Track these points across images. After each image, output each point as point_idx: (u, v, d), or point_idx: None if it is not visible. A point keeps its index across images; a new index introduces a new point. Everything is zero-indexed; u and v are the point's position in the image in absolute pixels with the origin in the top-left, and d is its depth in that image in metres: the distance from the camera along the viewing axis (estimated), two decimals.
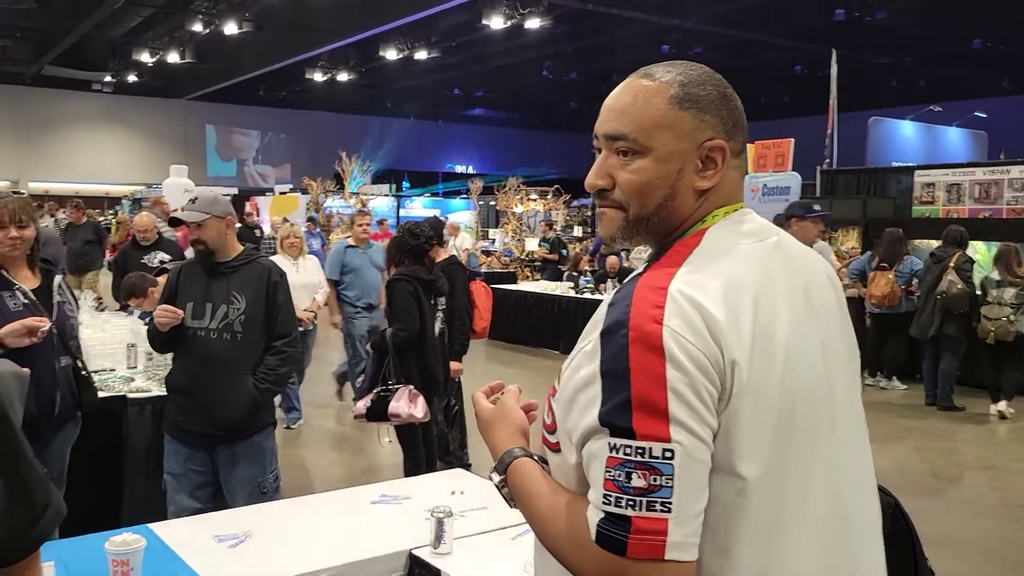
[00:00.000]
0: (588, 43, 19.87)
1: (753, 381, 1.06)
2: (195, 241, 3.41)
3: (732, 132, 1.18)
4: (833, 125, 12.64)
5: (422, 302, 4.58)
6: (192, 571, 2.30)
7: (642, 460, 1.00)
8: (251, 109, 30.58)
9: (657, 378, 1.01)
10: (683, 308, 1.05)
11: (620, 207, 1.20)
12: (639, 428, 1.00)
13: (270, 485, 3.46)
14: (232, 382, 3.34)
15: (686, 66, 1.21)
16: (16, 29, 21.10)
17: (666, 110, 1.16)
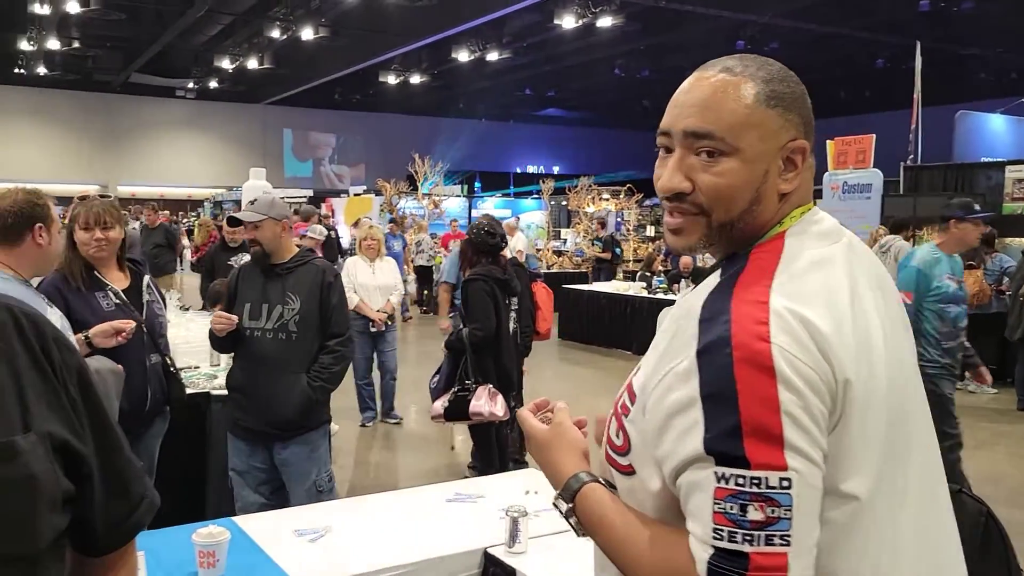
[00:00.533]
0: (660, 40, 19.65)
1: (861, 396, 1.00)
2: (251, 241, 3.51)
3: (808, 131, 1.13)
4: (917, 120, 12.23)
5: (498, 301, 4.60)
6: (273, 563, 2.36)
7: (759, 491, 0.92)
8: (326, 112, 31.20)
9: (769, 401, 0.94)
10: (790, 324, 0.98)
11: (701, 212, 1.11)
12: (753, 456, 0.93)
13: (325, 484, 3.52)
14: (286, 381, 3.42)
15: (759, 60, 1.14)
16: (106, 39, 21.98)
17: (754, 107, 1.08)
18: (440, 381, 4.69)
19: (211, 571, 2.23)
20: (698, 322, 1.02)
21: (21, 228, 2.68)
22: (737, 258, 1.11)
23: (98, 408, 1.05)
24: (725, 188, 1.09)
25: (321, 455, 3.55)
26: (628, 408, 1.11)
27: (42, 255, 2.75)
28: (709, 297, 1.06)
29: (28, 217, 2.69)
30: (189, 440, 4.03)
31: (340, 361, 3.54)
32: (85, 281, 3.22)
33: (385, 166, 25.65)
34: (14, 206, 2.68)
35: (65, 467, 0.97)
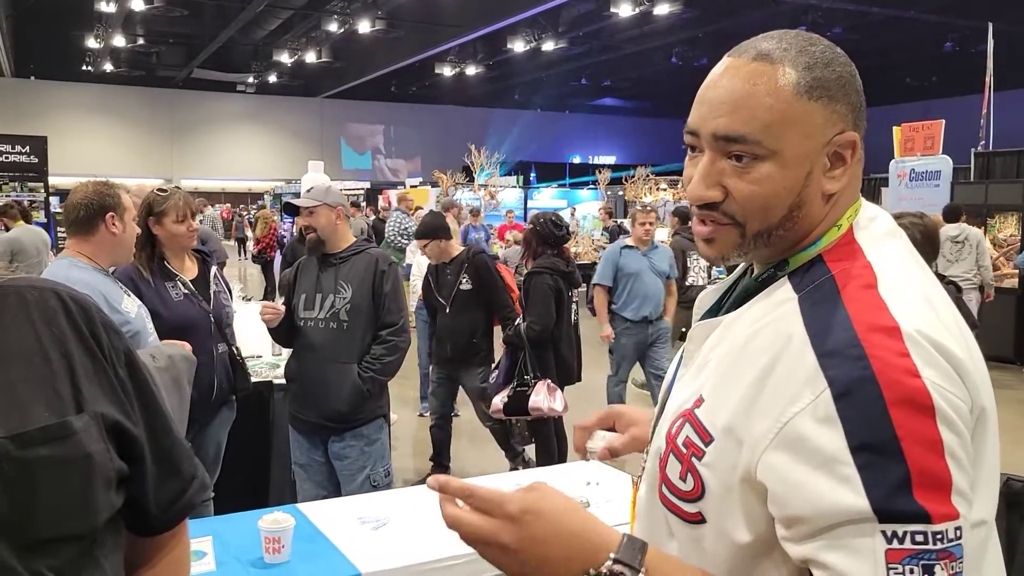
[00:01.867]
0: (719, 27, 19.32)
1: (992, 421, 0.91)
2: (306, 228, 3.49)
3: (859, 119, 0.97)
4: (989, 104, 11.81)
5: (562, 295, 4.57)
6: (337, 550, 2.37)
7: (943, 547, 0.81)
8: (383, 105, 31.48)
9: (934, 444, 0.82)
10: (929, 352, 0.85)
11: (734, 222, 0.97)
12: (933, 509, 0.81)
13: (381, 480, 3.45)
14: (338, 372, 3.37)
15: (801, 39, 0.97)
16: (169, 36, 22.51)
17: (794, 102, 0.93)
18: (499, 376, 4.68)
19: (276, 556, 2.25)
20: (815, 356, 0.87)
21: (94, 218, 2.77)
22: (809, 268, 0.97)
23: (147, 390, 1.06)
24: (761, 197, 0.95)
25: (376, 450, 3.47)
26: (700, 449, 0.94)
27: (117, 243, 2.82)
28: (812, 320, 0.90)
29: (99, 207, 2.77)
30: (253, 428, 4.09)
31: (393, 352, 3.46)
32: (155, 271, 3.28)
33: (441, 157, 25.79)
34: (84, 198, 2.78)
35: (118, 448, 0.99)
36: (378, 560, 2.31)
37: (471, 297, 4.90)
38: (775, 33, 1.00)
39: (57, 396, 0.93)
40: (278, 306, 3.49)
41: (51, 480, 0.89)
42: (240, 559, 2.28)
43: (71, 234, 2.83)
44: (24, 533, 0.87)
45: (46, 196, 12.66)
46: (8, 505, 0.86)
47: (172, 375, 2.72)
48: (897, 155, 10.99)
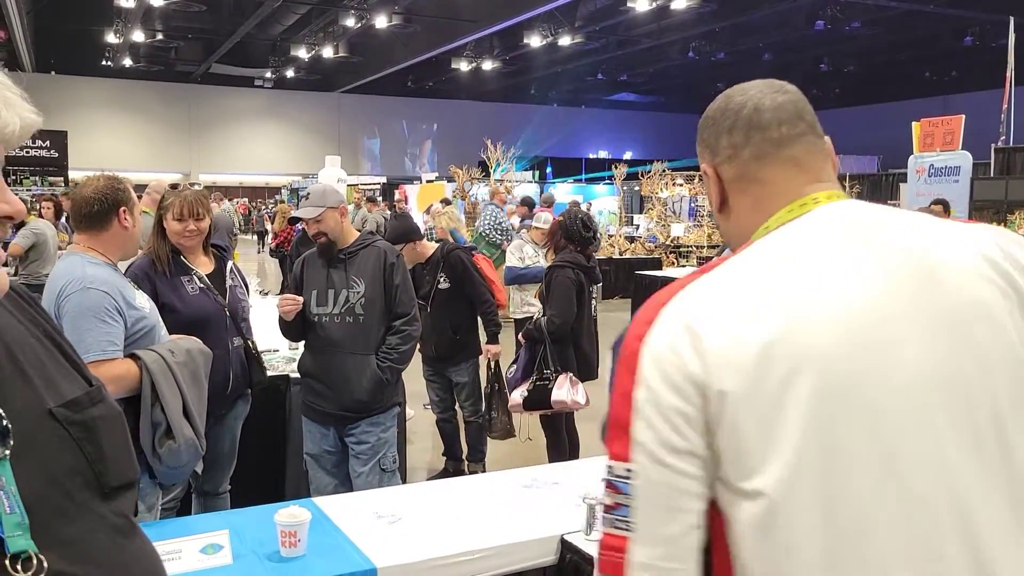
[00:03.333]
0: (737, 21, 19.22)
1: (755, 399, 0.97)
2: (317, 235, 3.52)
3: (716, 146, 1.16)
4: (1010, 99, 11.69)
5: (583, 289, 4.57)
6: (353, 544, 2.39)
7: (609, 479, 1.01)
8: (399, 100, 31.53)
9: (627, 398, 1.00)
10: (671, 328, 1.01)
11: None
12: (609, 446, 1.01)
13: (389, 465, 3.55)
14: (356, 363, 3.45)
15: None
16: (187, 31, 22.63)
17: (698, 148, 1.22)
18: (517, 371, 4.67)
19: (292, 550, 2.27)
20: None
21: (107, 213, 2.74)
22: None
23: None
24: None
25: (389, 437, 3.58)
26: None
27: (128, 238, 2.82)
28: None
29: (113, 202, 2.74)
30: (269, 422, 4.11)
31: (408, 341, 3.57)
32: (171, 266, 3.30)
33: (458, 152, 25.80)
34: (97, 192, 2.73)
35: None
36: (394, 555, 2.33)
37: (450, 295, 4.91)
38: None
39: (66, 372, 1.03)
40: (297, 298, 3.52)
41: (109, 434, 1.01)
42: (257, 552, 2.30)
43: (82, 229, 2.78)
44: (102, 483, 0.98)
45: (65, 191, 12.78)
46: (85, 461, 0.97)
47: (191, 369, 2.73)
48: (916, 150, 10.91)
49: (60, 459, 0.95)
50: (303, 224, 3.65)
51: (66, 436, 0.95)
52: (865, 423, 0.96)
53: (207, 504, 3.50)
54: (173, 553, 2.20)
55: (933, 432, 0.96)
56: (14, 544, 0.87)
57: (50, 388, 0.98)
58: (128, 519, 1.02)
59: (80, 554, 0.93)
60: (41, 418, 0.94)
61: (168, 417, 2.59)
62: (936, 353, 0.98)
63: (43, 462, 0.93)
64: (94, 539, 0.95)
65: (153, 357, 2.63)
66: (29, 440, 0.91)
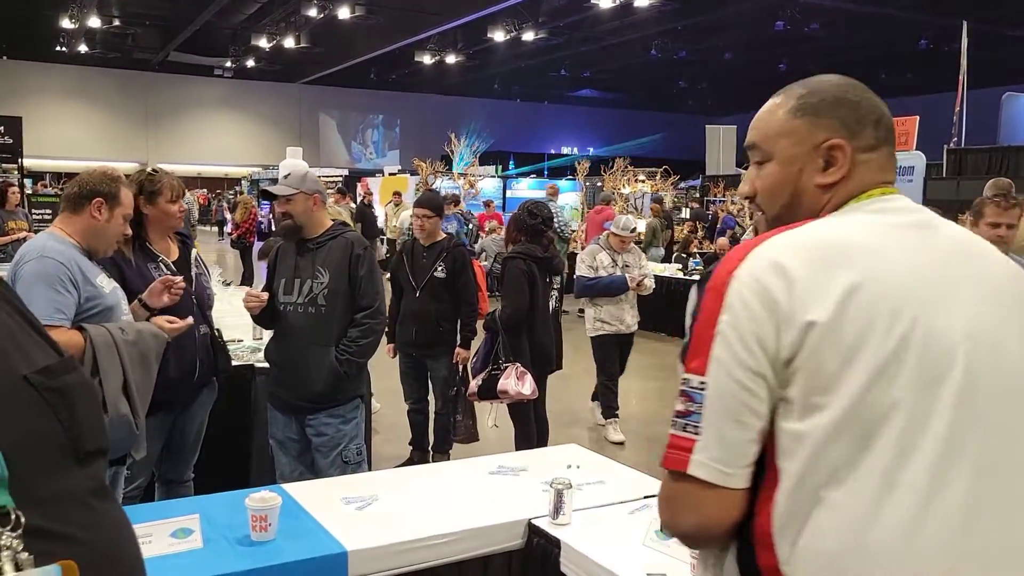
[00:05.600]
0: (698, 20, 19.42)
1: (839, 335, 1.10)
2: (283, 214, 3.51)
3: (856, 129, 1.25)
4: (962, 102, 12.00)
5: (536, 280, 4.61)
6: (323, 528, 2.41)
7: (683, 389, 1.15)
8: (362, 92, 31.30)
9: (712, 322, 1.14)
10: (759, 264, 1.14)
11: (761, 210, 1.34)
12: (687, 362, 1.16)
13: (353, 457, 3.53)
14: (317, 354, 3.44)
15: (816, 81, 1.32)
16: (145, 18, 22.22)
17: (784, 119, 1.29)
18: (477, 361, 4.72)
19: (263, 534, 2.29)
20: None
21: (82, 200, 2.81)
22: None
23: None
24: (767, 188, 1.32)
25: (350, 429, 3.54)
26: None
27: (96, 229, 2.82)
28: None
29: (91, 191, 2.81)
30: (234, 411, 4.10)
31: (369, 334, 3.52)
32: (137, 253, 3.28)
33: (421, 146, 25.73)
34: (82, 180, 2.85)
35: None
36: (363, 538, 2.36)
37: (443, 285, 4.95)
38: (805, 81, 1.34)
39: (36, 342, 1.05)
40: (261, 294, 3.51)
41: (82, 402, 1.03)
42: (227, 537, 2.31)
43: (61, 209, 2.89)
44: (76, 447, 0.99)
45: (20, 178, 12.50)
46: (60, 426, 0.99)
47: (140, 349, 2.70)
48: None
49: (36, 423, 0.97)
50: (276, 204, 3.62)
51: (41, 401, 0.98)
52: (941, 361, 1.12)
53: (170, 492, 3.49)
54: (144, 537, 2.20)
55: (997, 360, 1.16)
56: None
57: (22, 356, 1.00)
58: (103, 485, 1.04)
59: (57, 513, 0.95)
60: (15, 383, 0.96)
61: (104, 391, 2.55)
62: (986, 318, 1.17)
63: (19, 425, 0.95)
64: (70, 500, 0.97)
65: (100, 332, 2.63)
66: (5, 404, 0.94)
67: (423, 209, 5.07)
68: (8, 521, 0.89)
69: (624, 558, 2.26)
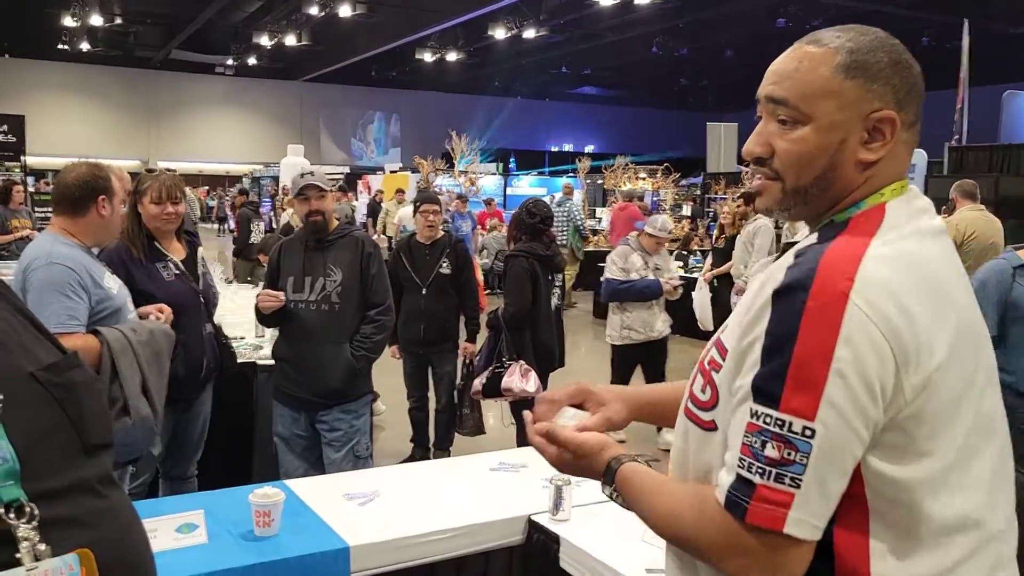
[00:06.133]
0: (699, 17, 19.41)
1: (949, 381, 1.03)
2: (314, 212, 3.53)
3: (904, 102, 1.11)
4: (963, 100, 12.01)
5: (538, 278, 4.63)
6: (325, 524, 2.44)
7: (779, 432, 0.96)
8: (363, 90, 31.29)
9: (824, 354, 0.95)
10: (877, 288, 0.98)
11: (777, 177, 1.15)
12: (785, 400, 0.96)
13: (363, 452, 3.61)
14: (331, 351, 3.50)
15: (858, 31, 1.14)
16: (147, 15, 22.23)
17: (830, 78, 1.10)
18: (481, 359, 4.75)
19: (266, 529, 2.32)
20: (786, 267, 1.04)
21: (86, 200, 2.80)
22: (835, 226, 1.12)
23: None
24: (797, 154, 1.12)
25: (362, 424, 3.63)
26: (718, 363, 1.13)
27: (103, 225, 2.85)
28: (804, 247, 1.09)
29: (92, 189, 2.80)
30: (236, 408, 4.13)
31: (381, 330, 3.62)
32: (147, 252, 3.31)
33: (421, 144, 25.73)
34: (79, 179, 2.80)
35: None
36: (365, 533, 2.38)
37: (448, 282, 4.99)
38: (842, 27, 1.16)
39: (38, 340, 1.09)
40: (278, 294, 3.52)
41: (87, 397, 1.07)
42: (231, 532, 2.34)
43: (61, 212, 2.84)
44: (83, 441, 1.03)
45: (23, 176, 12.52)
46: (67, 420, 1.02)
47: (153, 349, 2.73)
48: None
49: (45, 418, 1.00)
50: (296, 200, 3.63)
51: (48, 397, 1.01)
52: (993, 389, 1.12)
53: (175, 489, 3.52)
54: (149, 532, 2.21)
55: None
56: (7, 493, 0.91)
57: (27, 354, 1.03)
58: (109, 475, 1.07)
59: (70, 503, 0.98)
60: (24, 380, 1.00)
61: (126, 394, 2.58)
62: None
63: (29, 421, 0.98)
64: (82, 490, 1.01)
65: (115, 335, 2.65)
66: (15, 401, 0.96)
67: (434, 205, 5.11)
68: (23, 514, 0.92)
69: (623, 554, 2.28)
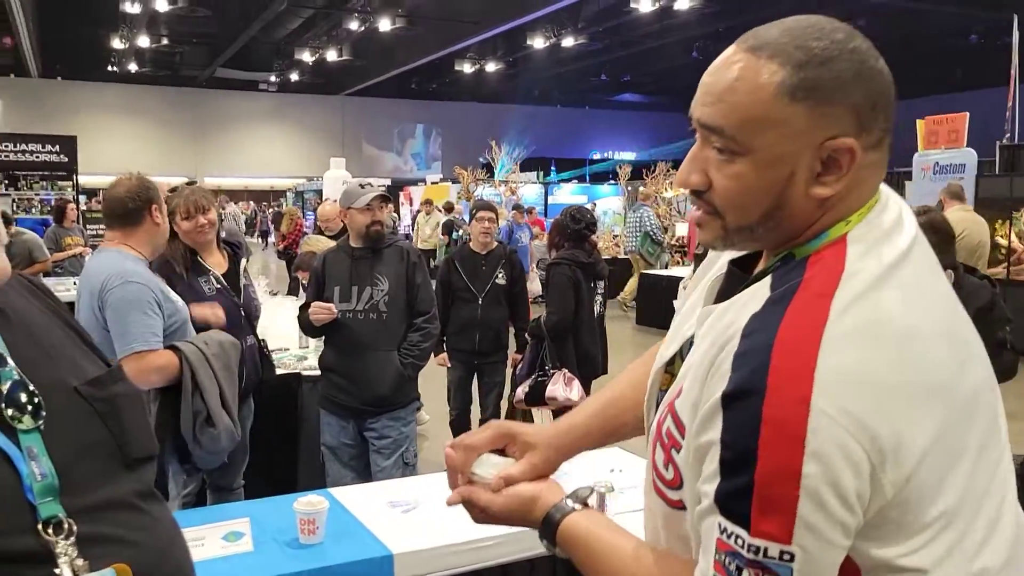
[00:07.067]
0: (740, 21, 19.24)
1: (927, 479, 0.87)
2: (376, 222, 3.60)
3: (868, 120, 0.91)
4: (1015, 97, 11.70)
5: (580, 286, 4.62)
6: (369, 532, 2.44)
7: (755, 559, 0.84)
8: (403, 102, 31.60)
9: (790, 474, 0.82)
10: (843, 383, 0.83)
11: (715, 213, 0.97)
12: (756, 524, 0.83)
13: (412, 459, 3.66)
14: (379, 359, 3.55)
15: (808, 31, 0.92)
16: (193, 36, 22.74)
17: (772, 102, 0.90)
18: (523, 368, 4.75)
19: (311, 537, 2.33)
20: (735, 354, 0.88)
21: (140, 211, 2.88)
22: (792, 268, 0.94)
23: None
24: (735, 193, 0.94)
25: (410, 431, 3.69)
26: (677, 440, 0.97)
27: (160, 234, 2.97)
28: (754, 319, 0.90)
29: (145, 199, 2.89)
30: (282, 418, 4.18)
31: (428, 338, 3.68)
32: (188, 267, 3.37)
33: (462, 154, 25.86)
34: (129, 191, 2.88)
35: None
36: (409, 541, 2.38)
37: (502, 292, 4.99)
38: (787, 21, 0.96)
39: (86, 354, 1.10)
40: (330, 306, 3.57)
41: (129, 411, 1.08)
42: (277, 540, 2.36)
43: (116, 226, 2.92)
44: (124, 454, 1.05)
45: (75, 195, 12.84)
46: (109, 434, 1.04)
47: (224, 361, 2.89)
48: (920, 149, 10.93)
49: (87, 432, 1.02)
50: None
51: (91, 411, 1.03)
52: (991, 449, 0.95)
53: (221, 499, 3.56)
54: (196, 540, 2.26)
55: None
56: (46, 509, 0.93)
57: (73, 368, 1.05)
58: (151, 489, 1.08)
59: (109, 518, 0.99)
60: (67, 395, 1.01)
61: (208, 405, 2.77)
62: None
63: (71, 435, 0.99)
64: (121, 505, 1.02)
65: (192, 349, 2.79)
66: (58, 415, 0.98)
67: (490, 212, 5.11)
68: (62, 530, 0.93)
69: None
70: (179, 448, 2.92)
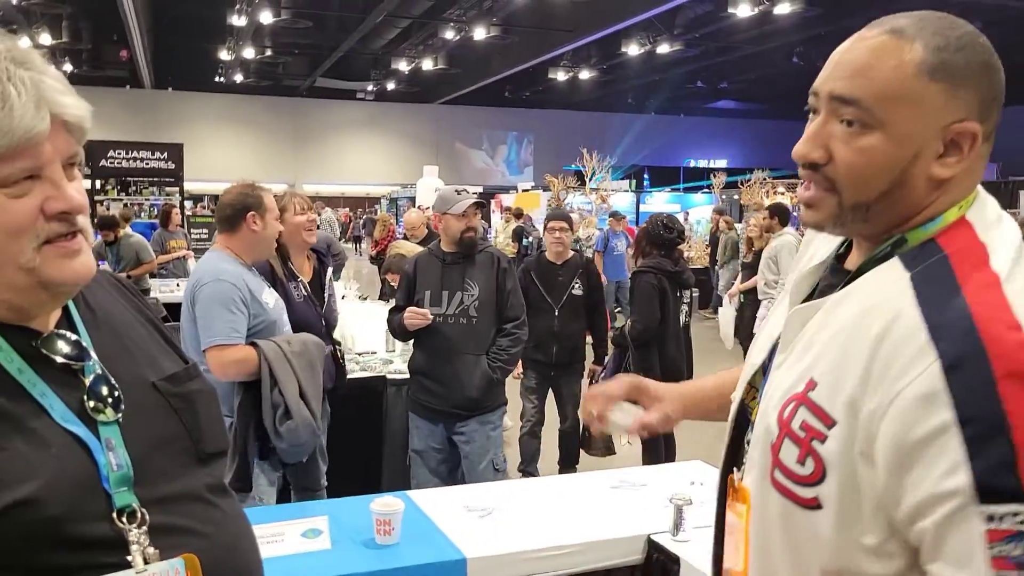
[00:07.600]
0: (844, 25, 18.53)
1: None
2: (468, 229, 3.66)
3: (988, 111, 0.95)
4: None
5: (667, 294, 4.55)
6: (444, 535, 2.46)
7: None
8: (496, 110, 31.87)
9: None
10: None
11: (832, 189, 0.99)
12: None
13: (501, 464, 3.70)
14: (469, 363, 3.60)
15: (941, 21, 0.97)
16: (294, 47, 23.51)
17: (913, 79, 0.93)
18: (606, 376, 4.70)
19: (387, 538, 2.35)
20: (927, 330, 0.87)
21: (237, 217, 3.07)
22: (922, 248, 0.96)
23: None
24: (860, 166, 0.96)
25: (498, 435, 3.74)
26: (819, 432, 0.93)
27: (257, 240, 3.10)
28: (921, 296, 0.90)
29: (242, 207, 3.06)
30: (368, 421, 4.26)
31: (517, 343, 3.72)
32: (285, 271, 3.48)
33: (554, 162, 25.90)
34: (231, 199, 3.09)
35: None
36: (483, 546, 2.38)
37: (579, 303, 4.93)
38: (919, 12, 0.99)
39: (166, 351, 1.15)
40: (425, 312, 3.63)
41: (204, 407, 1.12)
42: (354, 539, 2.39)
43: (220, 230, 3.15)
44: (199, 448, 1.09)
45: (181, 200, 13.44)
46: (183, 429, 1.08)
47: (307, 359, 3.03)
48: None
49: (162, 426, 1.06)
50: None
51: (167, 406, 1.07)
52: None
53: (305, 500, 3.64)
54: (276, 536, 2.32)
55: None
56: (120, 499, 0.97)
57: (152, 364, 1.10)
58: (222, 483, 1.12)
59: (181, 509, 1.03)
60: (145, 390, 1.06)
61: (286, 399, 2.88)
62: None
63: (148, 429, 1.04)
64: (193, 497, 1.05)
65: (271, 346, 2.93)
66: (136, 409, 1.03)
67: (561, 222, 5.08)
68: (135, 519, 0.97)
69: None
70: (261, 441, 3.03)
